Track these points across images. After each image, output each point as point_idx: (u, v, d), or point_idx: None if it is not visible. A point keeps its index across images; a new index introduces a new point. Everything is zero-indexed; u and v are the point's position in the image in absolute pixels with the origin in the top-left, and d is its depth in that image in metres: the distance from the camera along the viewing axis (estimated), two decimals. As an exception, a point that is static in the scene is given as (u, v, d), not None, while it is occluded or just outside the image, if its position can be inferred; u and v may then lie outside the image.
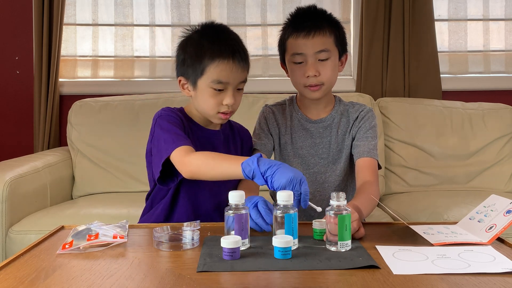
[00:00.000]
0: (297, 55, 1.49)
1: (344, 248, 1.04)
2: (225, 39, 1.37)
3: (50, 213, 2.13)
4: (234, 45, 1.36)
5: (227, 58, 1.32)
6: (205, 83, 1.34)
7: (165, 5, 2.92)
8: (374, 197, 1.34)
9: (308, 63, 1.48)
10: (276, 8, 2.93)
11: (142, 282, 0.89)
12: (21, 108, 2.86)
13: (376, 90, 2.81)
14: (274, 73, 2.93)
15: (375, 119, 1.58)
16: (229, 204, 1.07)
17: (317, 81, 1.48)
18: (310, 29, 1.47)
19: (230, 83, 1.34)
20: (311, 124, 1.58)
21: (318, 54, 1.47)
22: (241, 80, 1.37)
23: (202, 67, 1.33)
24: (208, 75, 1.33)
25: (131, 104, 2.63)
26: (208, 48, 1.33)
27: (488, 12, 2.96)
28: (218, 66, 1.32)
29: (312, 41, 1.47)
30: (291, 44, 1.51)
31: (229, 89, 1.34)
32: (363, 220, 1.31)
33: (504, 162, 2.59)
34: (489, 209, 1.21)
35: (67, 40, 2.88)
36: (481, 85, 2.93)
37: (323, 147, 1.58)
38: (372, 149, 1.51)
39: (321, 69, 1.48)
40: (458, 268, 0.94)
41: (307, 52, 1.47)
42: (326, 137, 1.58)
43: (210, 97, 1.34)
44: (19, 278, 0.91)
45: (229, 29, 1.43)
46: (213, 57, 1.32)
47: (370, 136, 1.53)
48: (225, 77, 1.33)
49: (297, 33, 1.48)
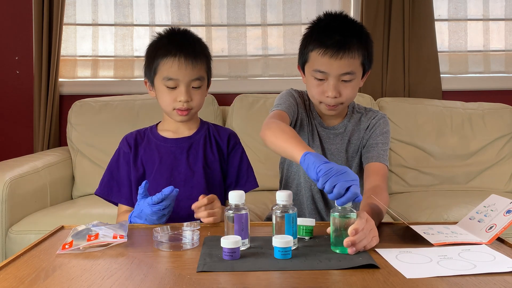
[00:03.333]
0: (319, 72, 1.39)
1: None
2: (178, 39, 1.43)
3: (50, 213, 2.13)
4: (184, 44, 1.41)
5: (173, 55, 1.38)
6: (158, 81, 1.42)
7: (165, 5, 2.92)
8: (384, 203, 1.27)
9: (329, 83, 1.39)
10: (276, 8, 2.93)
11: (142, 282, 0.89)
12: (21, 108, 2.86)
13: (376, 90, 2.81)
14: (274, 73, 2.93)
15: (387, 125, 1.52)
16: (229, 204, 1.07)
17: (336, 102, 1.41)
18: (339, 48, 1.35)
19: (180, 80, 1.39)
20: (322, 129, 1.54)
21: (342, 76, 1.38)
22: (192, 77, 1.40)
23: (155, 66, 1.41)
24: (160, 74, 1.41)
25: (131, 104, 2.63)
26: (159, 48, 1.41)
27: (488, 12, 2.96)
28: (166, 63, 1.39)
29: (338, 62, 1.36)
30: (314, 58, 1.40)
31: (181, 86, 1.40)
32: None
33: (504, 162, 2.59)
34: (489, 209, 1.21)
35: (67, 40, 2.88)
36: (481, 85, 2.94)
37: (330, 154, 1.53)
38: (383, 155, 1.46)
39: (342, 90, 1.40)
40: (466, 269, 0.93)
41: (331, 73, 1.38)
42: (335, 145, 1.53)
43: (165, 94, 1.41)
44: (19, 278, 0.91)
45: (189, 32, 1.48)
46: (162, 56, 1.39)
47: (381, 142, 1.48)
48: (173, 74, 1.38)
49: (324, 50, 1.36)
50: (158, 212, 1.24)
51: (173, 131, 1.50)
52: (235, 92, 2.76)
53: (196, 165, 1.46)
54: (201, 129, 1.52)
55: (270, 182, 2.49)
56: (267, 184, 2.49)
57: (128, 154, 1.47)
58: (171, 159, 1.46)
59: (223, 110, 2.73)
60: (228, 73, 2.94)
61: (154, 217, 1.26)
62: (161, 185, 1.41)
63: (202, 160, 1.47)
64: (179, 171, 1.45)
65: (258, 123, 1.56)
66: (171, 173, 1.44)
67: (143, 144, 1.49)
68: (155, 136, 1.50)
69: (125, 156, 1.47)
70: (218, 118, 2.66)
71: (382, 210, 1.25)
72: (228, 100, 2.77)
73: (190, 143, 1.48)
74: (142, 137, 1.50)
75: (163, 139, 1.49)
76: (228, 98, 2.79)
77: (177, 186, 1.28)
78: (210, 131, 1.53)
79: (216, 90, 2.83)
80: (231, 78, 2.93)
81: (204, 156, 1.48)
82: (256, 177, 1.53)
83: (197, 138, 1.50)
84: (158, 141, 1.48)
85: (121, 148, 1.49)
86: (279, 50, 2.94)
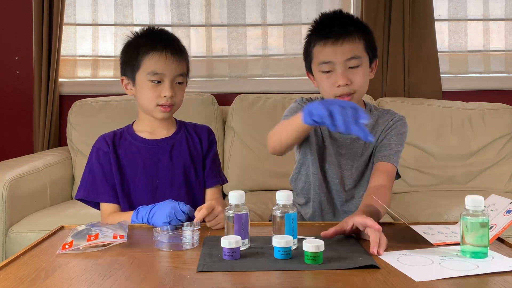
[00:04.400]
0: (325, 64, 1.39)
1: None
2: (159, 36, 1.45)
3: (50, 213, 2.13)
4: (168, 40, 1.43)
5: (160, 50, 1.40)
6: (142, 76, 1.41)
7: (165, 5, 2.92)
8: (385, 204, 1.26)
9: (337, 72, 1.38)
10: (276, 8, 2.93)
11: (142, 282, 0.89)
12: (21, 108, 2.86)
13: (376, 90, 2.81)
14: (274, 73, 2.93)
15: (405, 127, 1.50)
16: (229, 204, 1.07)
17: (349, 90, 1.39)
18: (339, 35, 1.37)
19: (165, 74, 1.40)
20: (339, 134, 1.49)
21: (348, 61, 1.38)
22: (177, 72, 1.41)
23: (138, 61, 1.41)
24: (144, 68, 1.40)
25: (131, 104, 2.62)
26: (143, 44, 1.42)
27: (488, 12, 2.96)
28: (152, 57, 1.39)
29: (341, 48, 1.37)
30: (318, 52, 1.41)
31: (166, 81, 1.40)
32: None
33: (504, 162, 2.59)
34: (489, 209, 1.21)
35: (67, 40, 2.88)
36: (481, 85, 2.93)
37: (348, 158, 1.50)
38: (393, 155, 1.43)
39: (352, 77, 1.38)
40: (470, 270, 0.93)
41: (336, 60, 1.38)
42: (352, 149, 1.50)
43: (148, 90, 1.40)
44: (19, 278, 0.91)
45: (166, 31, 1.50)
46: (147, 51, 1.40)
47: (394, 142, 1.45)
48: (160, 68, 1.39)
49: (325, 40, 1.39)
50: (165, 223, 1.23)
51: (149, 132, 1.48)
52: (235, 92, 2.76)
53: (180, 165, 1.46)
54: (180, 129, 1.52)
55: (270, 182, 2.49)
56: (267, 184, 2.49)
57: (108, 154, 1.44)
58: (154, 161, 1.45)
59: (223, 110, 2.73)
60: (228, 73, 2.94)
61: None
62: (147, 187, 1.41)
63: (186, 159, 1.47)
64: (163, 173, 1.44)
65: (258, 123, 1.56)
66: (155, 175, 1.44)
67: (122, 145, 1.46)
68: (133, 137, 1.48)
69: (105, 155, 1.44)
70: (218, 118, 2.65)
71: (379, 211, 1.25)
72: (228, 100, 2.77)
73: (171, 144, 1.48)
74: (119, 138, 1.48)
75: (143, 140, 1.47)
76: (228, 98, 2.78)
77: (162, 188, 1.28)
78: (189, 130, 1.53)
79: (216, 90, 2.83)
80: (231, 78, 2.93)
81: (190, 154, 1.48)
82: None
83: (178, 138, 1.49)
84: (138, 142, 1.47)
85: (100, 148, 1.46)
86: (279, 50, 2.94)
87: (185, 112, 1.48)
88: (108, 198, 1.43)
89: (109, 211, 1.43)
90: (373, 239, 1.04)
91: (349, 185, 1.51)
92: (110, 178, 1.43)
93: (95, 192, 1.43)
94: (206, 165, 1.51)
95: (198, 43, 2.93)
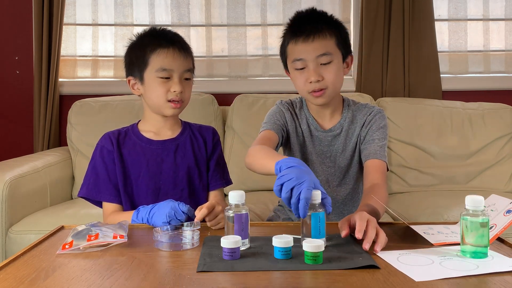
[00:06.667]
0: (297, 61, 1.45)
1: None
2: (164, 34, 1.46)
3: (50, 213, 2.13)
4: (173, 37, 1.45)
5: (166, 46, 1.41)
6: (150, 74, 1.42)
7: (165, 5, 2.92)
8: (382, 201, 1.28)
9: (309, 68, 1.43)
10: (276, 8, 2.93)
11: (142, 282, 0.89)
12: (21, 108, 2.86)
13: (376, 90, 2.81)
14: (274, 73, 2.93)
15: (384, 119, 1.52)
16: (229, 204, 1.07)
17: (321, 86, 1.43)
18: (309, 32, 1.42)
19: (174, 70, 1.41)
20: (320, 133, 1.54)
21: (319, 58, 1.42)
22: (185, 67, 1.43)
23: (146, 59, 1.42)
24: (152, 65, 1.41)
25: (131, 104, 2.63)
26: (149, 43, 1.43)
27: (488, 12, 2.96)
28: (160, 54, 1.41)
29: (312, 45, 1.42)
30: (291, 49, 1.47)
31: (175, 76, 1.41)
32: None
33: (504, 162, 2.59)
34: (489, 209, 1.21)
35: (67, 40, 2.88)
36: (481, 85, 2.94)
37: (330, 156, 1.54)
38: (380, 150, 1.46)
39: (324, 73, 1.43)
40: (470, 270, 0.93)
41: (308, 57, 1.43)
42: (334, 146, 1.54)
43: (157, 86, 1.41)
44: (19, 278, 0.91)
45: (169, 30, 1.51)
46: (154, 48, 1.41)
47: (377, 137, 1.48)
48: (168, 64, 1.40)
49: (296, 38, 1.44)
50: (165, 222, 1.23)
51: (155, 132, 1.49)
52: (235, 92, 2.76)
53: (184, 167, 1.46)
54: (185, 130, 1.52)
55: (270, 182, 2.48)
56: (267, 184, 2.49)
57: (112, 153, 1.45)
58: (157, 162, 1.45)
59: (223, 110, 2.73)
60: (228, 73, 2.94)
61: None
62: (150, 188, 1.41)
63: (190, 160, 1.47)
64: (167, 174, 1.44)
65: (258, 123, 1.56)
66: (159, 176, 1.44)
67: (127, 145, 1.47)
68: (138, 137, 1.48)
69: (109, 154, 1.45)
70: (218, 118, 2.66)
71: (379, 211, 1.25)
72: (228, 100, 2.77)
73: (176, 145, 1.48)
74: (124, 137, 1.48)
75: (148, 140, 1.47)
76: (228, 98, 2.79)
77: (166, 188, 1.27)
78: (194, 131, 1.53)
79: (216, 90, 2.83)
80: (231, 78, 2.93)
81: (194, 156, 1.48)
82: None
83: (183, 139, 1.49)
84: (142, 142, 1.47)
85: (104, 146, 1.46)
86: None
87: (185, 112, 1.48)
88: (110, 197, 1.43)
89: (111, 211, 1.43)
90: (357, 227, 1.04)
91: (334, 182, 1.55)
92: (113, 177, 1.44)
93: (97, 190, 1.44)
94: (210, 167, 1.51)
95: (198, 43, 2.93)
